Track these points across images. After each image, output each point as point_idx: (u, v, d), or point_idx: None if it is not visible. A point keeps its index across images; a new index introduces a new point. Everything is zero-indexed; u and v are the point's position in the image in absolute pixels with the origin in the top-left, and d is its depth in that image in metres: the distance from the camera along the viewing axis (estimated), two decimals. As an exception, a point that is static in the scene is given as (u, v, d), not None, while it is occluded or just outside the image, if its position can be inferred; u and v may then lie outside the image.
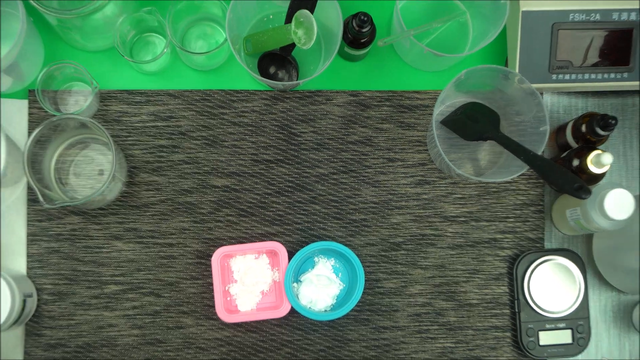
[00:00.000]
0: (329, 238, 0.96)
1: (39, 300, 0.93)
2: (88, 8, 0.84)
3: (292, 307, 0.90)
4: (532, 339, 0.94)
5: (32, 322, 0.93)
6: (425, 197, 0.97)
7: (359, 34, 0.90)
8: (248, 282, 0.92)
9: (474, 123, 0.93)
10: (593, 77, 0.93)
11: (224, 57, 0.97)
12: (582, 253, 0.98)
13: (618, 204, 0.83)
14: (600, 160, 0.86)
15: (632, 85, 0.94)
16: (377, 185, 0.97)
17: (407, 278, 0.96)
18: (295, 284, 0.93)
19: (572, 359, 0.96)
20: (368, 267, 0.96)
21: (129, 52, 0.96)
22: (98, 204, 0.92)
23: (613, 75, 0.93)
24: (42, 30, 0.96)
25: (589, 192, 0.81)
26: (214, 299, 0.90)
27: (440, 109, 0.98)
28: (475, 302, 0.96)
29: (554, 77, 0.92)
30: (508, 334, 0.96)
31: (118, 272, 0.94)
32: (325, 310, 0.92)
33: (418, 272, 0.96)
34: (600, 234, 0.95)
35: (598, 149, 0.89)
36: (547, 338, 0.94)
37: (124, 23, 0.91)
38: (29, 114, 0.95)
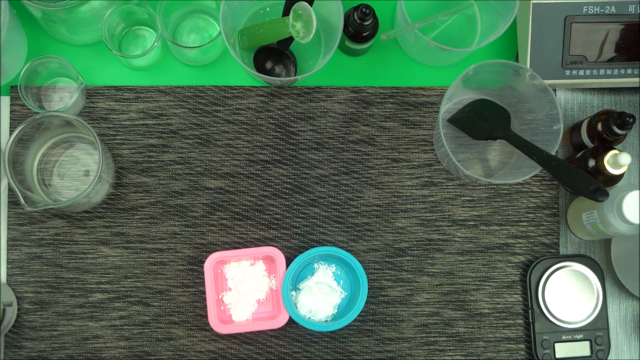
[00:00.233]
0: (330, 243, 0.95)
1: (20, 310, 0.93)
2: (74, 0, 0.84)
3: (290, 317, 0.90)
4: (547, 351, 0.94)
5: (11, 333, 0.93)
6: (432, 199, 0.97)
7: (361, 27, 0.90)
8: (243, 290, 0.92)
9: (483, 121, 0.93)
10: (609, 72, 0.92)
11: (218, 51, 0.97)
12: (599, 259, 0.98)
13: (637, 207, 0.83)
14: (618, 161, 0.86)
15: (650, 81, 0.94)
16: (380, 187, 0.96)
17: (413, 286, 0.96)
18: (294, 293, 0.93)
19: (590, 373, 0.96)
20: (371, 274, 0.96)
21: (118, 46, 0.96)
22: (83, 207, 0.92)
23: (630, 71, 0.92)
24: (25, 23, 0.96)
25: (606, 194, 0.81)
26: (207, 309, 0.90)
27: (447, 107, 0.98)
28: (487, 311, 0.96)
29: (568, 72, 0.92)
30: (522, 346, 0.96)
31: (104, 279, 0.94)
32: (326, 321, 0.92)
33: (425, 279, 0.96)
34: (619, 239, 0.94)
35: (615, 149, 0.89)
36: (563, 350, 0.94)
37: (112, 15, 0.91)
38: (11, 111, 0.95)
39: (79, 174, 0.93)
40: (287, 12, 0.90)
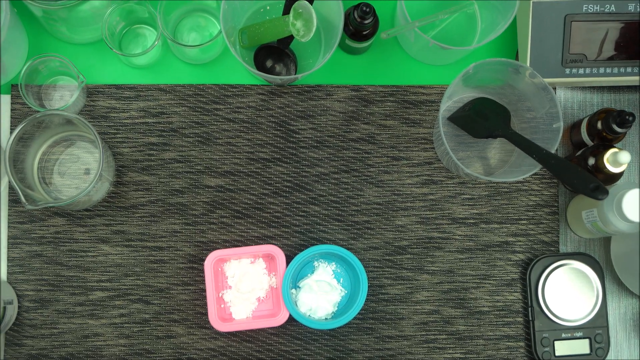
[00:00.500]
0: (330, 241, 0.95)
1: (20, 308, 0.92)
2: (75, -2, 0.84)
3: (290, 315, 0.90)
4: (547, 349, 0.93)
5: (12, 331, 0.92)
6: (432, 197, 0.97)
7: (361, 26, 0.90)
8: (243, 288, 0.92)
9: (483, 120, 0.93)
10: (609, 71, 0.92)
11: (218, 50, 0.97)
12: (599, 257, 0.97)
13: (637, 205, 0.83)
14: (618, 159, 0.86)
15: (650, 80, 0.94)
16: (380, 185, 0.96)
17: (413, 284, 0.96)
18: (294, 291, 0.92)
19: (590, 371, 0.96)
20: (371, 272, 0.95)
21: (118, 44, 0.96)
22: (84, 205, 0.91)
23: (630, 69, 0.92)
24: (25, 22, 0.96)
25: (606, 192, 0.80)
26: (207, 307, 0.89)
27: (447, 105, 0.98)
28: (486, 309, 0.96)
29: (568, 71, 0.92)
30: (521, 344, 0.96)
31: (104, 277, 0.94)
32: (326, 319, 0.92)
33: (425, 277, 0.96)
34: (619, 237, 0.94)
35: (615, 147, 0.89)
36: (563, 348, 0.94)
37: (113, 14, 0.91)
38: (12, 110, 0.95)
39: (80, 172, 0.93)
40: (287, 10, 0.89)
